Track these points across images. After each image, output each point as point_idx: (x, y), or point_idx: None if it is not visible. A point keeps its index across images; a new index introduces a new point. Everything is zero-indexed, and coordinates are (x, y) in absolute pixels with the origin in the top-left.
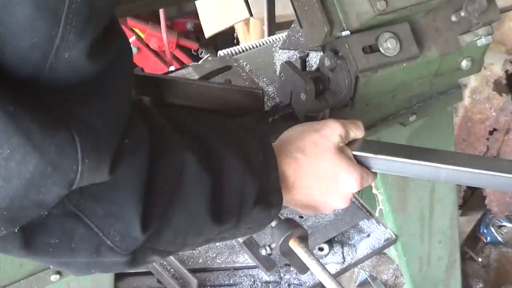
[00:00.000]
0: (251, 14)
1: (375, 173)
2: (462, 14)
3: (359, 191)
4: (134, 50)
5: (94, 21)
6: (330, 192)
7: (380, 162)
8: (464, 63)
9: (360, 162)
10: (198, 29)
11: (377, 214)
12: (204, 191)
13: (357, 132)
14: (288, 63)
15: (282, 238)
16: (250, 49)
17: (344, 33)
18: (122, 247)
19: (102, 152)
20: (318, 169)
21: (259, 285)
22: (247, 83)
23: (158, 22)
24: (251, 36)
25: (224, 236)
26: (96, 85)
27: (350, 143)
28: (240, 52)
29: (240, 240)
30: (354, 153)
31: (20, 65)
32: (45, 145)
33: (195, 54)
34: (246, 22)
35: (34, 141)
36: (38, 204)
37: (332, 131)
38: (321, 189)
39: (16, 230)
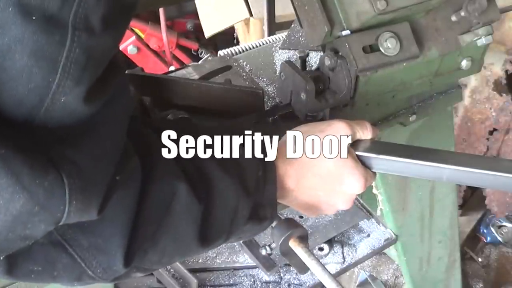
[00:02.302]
0: (251, 14)
1: (375, 173)
2: (462, 14)
3: None
4: (134, 50)
5: (92, 68)
6: (334, 193)
7: (382, 162)
8: (464, 63)
9: (361, 162)
10: (198, 29)
11: (378, 214)
12: (194, 219)
13: (363, 133)
14: (288, 62)
15: (282, 238)
16: (250, 49)
17: (344, 33)
18: (103, 277)
19: (91, 194)
20: (322, 169)
21: (259, 285)
22: (247, 83)
23: (158, 22)
24: (251, 36)
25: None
26: (90, 126)
27: (353, 144)
28: (240, 52)
29: None
30: (356, 153)
31: (16, 108)
32: (33, 186)
33: (195, 54)
34: (246, 22)
35: (23, 183)
36: (24, 238)
37: (337, 132)
38: (325, 190)
39: (1, 258)
